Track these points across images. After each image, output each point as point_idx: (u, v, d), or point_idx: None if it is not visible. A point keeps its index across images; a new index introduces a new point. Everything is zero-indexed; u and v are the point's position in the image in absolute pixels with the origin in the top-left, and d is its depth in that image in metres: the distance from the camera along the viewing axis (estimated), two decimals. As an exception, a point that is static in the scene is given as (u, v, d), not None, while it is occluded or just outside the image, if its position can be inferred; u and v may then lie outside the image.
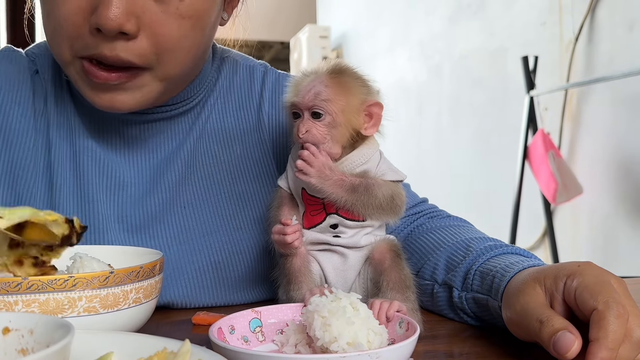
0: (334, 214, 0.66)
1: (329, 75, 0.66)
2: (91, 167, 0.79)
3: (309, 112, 0.65)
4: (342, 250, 0.66)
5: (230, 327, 0.57)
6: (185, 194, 0.81)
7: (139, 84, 0.71)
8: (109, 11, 0.64)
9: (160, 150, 0.82)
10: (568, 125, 2.42)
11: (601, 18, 2.24)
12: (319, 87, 0.65)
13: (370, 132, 0.66)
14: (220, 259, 0.80)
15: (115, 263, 0.65)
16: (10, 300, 0.51)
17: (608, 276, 0.53)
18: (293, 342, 0.56)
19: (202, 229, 0.80)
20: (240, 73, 0.89)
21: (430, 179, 3.46)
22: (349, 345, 0.50)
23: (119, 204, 0.79)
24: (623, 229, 2.16)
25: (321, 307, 0.52)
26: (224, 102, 0.86)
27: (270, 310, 0.61)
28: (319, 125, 0.65)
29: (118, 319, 0.56)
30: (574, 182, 2.26)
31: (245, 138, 0.85)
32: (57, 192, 0.77)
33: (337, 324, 0.51)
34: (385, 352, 0.47)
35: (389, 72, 4.04)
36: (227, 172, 0.83)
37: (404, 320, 0.56)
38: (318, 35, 4.88)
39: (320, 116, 0.64)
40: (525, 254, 0.68)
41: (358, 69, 0.68)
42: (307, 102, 0.65)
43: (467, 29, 3.14)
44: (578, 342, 0.49)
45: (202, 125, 0.84)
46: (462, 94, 3.19)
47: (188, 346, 0.40)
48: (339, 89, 0.65)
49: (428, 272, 0.74)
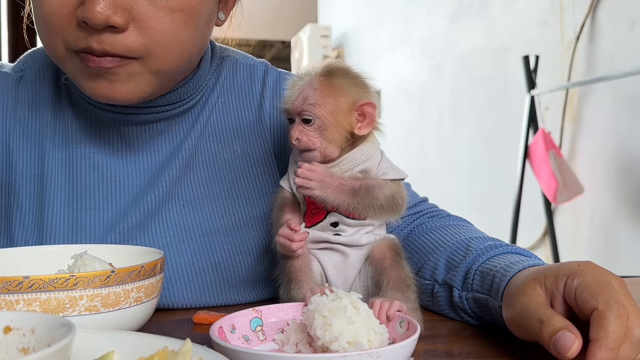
0: (335, 212, 0.66)
1: (319, 78, 0.65)
2: (88, 173, 0.78)
3: (299, 118, 0.65)
4: (342, 248, 0.66)
5: (231, 326, 0.57)
6: (184, 192, 0.81)
7: (131, 72, 0.70)
8: (96, 5, 0.63)
9: (160, 151, 0.82)
10: (569, 124, 2.41)
11: (602, 17, 2.24)
12: (307, 91, 0.65)
13: (363, 131, 0.66)
14: (221, 259, 0.79)
15: (116, 262, 0.65)
16: (11, 299, 0.51)
17: (608, 276, 0.53)
18: (294, 342, 0.56)
19: (201, 228, 0.80)
20: (241, 72, 0.89)
21: (431, 178, 3.46)
22: (350, 345, 0.50)
23: (117, 208, 0.78)
24: (624, 229, 2.16)
25: (322, 306, 0.52)
26: (225, 101, 0.86)
27: (271, 309, 0.61)
28: (309, 130, 0.65)
29: (119, 318, 0.56)
30: (574, 182, 2.26)
31: (246, 137, 0.85)
32: (48, 200, 0.77)
33: (337, 324, 0.51)
34: (385, 351, 0.47)
35: (390, 72, 4.04)
36: (228, 172, 0.83)
37: (405, 320, 0.56)
38: (319, 34, 4.88)
39: (309, 121, 0.65)
40: (525, 254, 0.68)
41: (353, 68, 0.68)
42: (297, 108, 0.65)
43: (468, 28, 3.14)
44: (578, 341, 0.49)
45: (202, 124, 0.84)
46: (463, 94, 3.19)
47: (189, 345, 0.40)
48: (327, 91, 0.65)
49: (428, 272, 0.74)
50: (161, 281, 0.63)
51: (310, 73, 0.67)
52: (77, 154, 0.79)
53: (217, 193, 0.82)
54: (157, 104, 0.79)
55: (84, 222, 0.77)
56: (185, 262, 0.78)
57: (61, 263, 0.65)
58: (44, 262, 0.67)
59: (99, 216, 0.78)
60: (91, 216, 0.77)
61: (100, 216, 0.78)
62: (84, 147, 0.79)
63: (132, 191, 0.79)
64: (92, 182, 0.79)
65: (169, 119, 0.82)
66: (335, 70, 0.66)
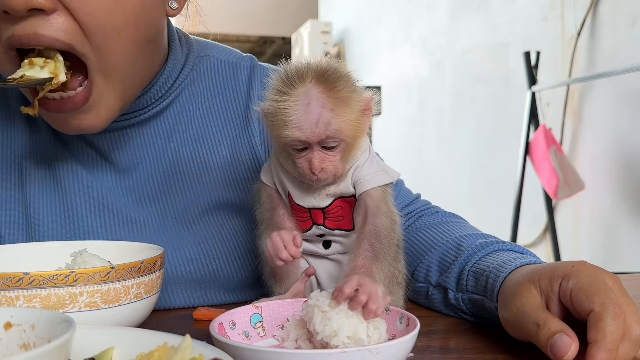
0: (321, 225, 0.64)
1: (328, 93, 0.57)
2: (72, 184, 0.76)
3: (319, 145, 0.58)
4: (336, 257, 0.66)
5: (231, 322, 0.57)
6: (175, 202, 0.78)
7: (96, 99, 0.66)
8: None
9: (142, 162, 0.78)
10: (570, 120, 2.41)
11: (603, 13, 2.23)
12: (325, 114, 0.56)
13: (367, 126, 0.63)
14: (219, 267, 0.78)
15: (115, 259, 0.65)
16: (12, 296, 0.52)
17: (603, 275, 0.53)
18: (294, 337, 0.56)
19: (195, 237, 0.78)
20: (223, 72, 0.84)
21: (431, 175, 3.46)
22: (349, 339, 0.51)
23: (104, 223, 0.76)
24: (624, 225, 2.16)
25: (321, 301, 0.53)
26: (209, 105, 0.82)
27: (270, 305, 0.61)
28: (332, 156, 0.58)
29: (119, 314, 0.57)
30: (575, 178, 2.25)
31: (234, 142, 0.82)
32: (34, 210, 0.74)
33: (336, 318, 0.51)
34: (386, 347, 0.47)
35: (390, 68, 4.04)
36: (217, 179, 0.80)
37: (404, 316, 0.56)
38: (320, 30, 4.87)
39: (333, 147, 0.58)
40: (518, 250, 0.67)
41: (340, 66, 0.60)
42: (319, 137, 0.57)
43: (469, 24, 3.13)
44: (575, 344, 0.49)
45: (183, 130, 0.80)
46: (464, 90, 3.19)
47: (189, 341, 0.41)
48: (342, 106, 0.57)
49: (422, 275, 0.74)
50: (161, 277, 0.63)
51: (304, 86, 0.57)
52: (59, 166, 0.76)
53: (210, 203, 0.79)
54: (126, 111, 0.75)
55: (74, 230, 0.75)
56: (181, 271, 0.77)
57: (59, 260, 0.66)
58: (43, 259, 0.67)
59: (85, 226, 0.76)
60: (78, 225, 0.75)
61: (86, 226, 0.76)
62: (65, 160, 0.76)
63: (118, 207, 0.77)
64: (77, 194, 0.76)
65: (141, 124, 0.78)
66: (335, 77, 0.58)
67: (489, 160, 2.96)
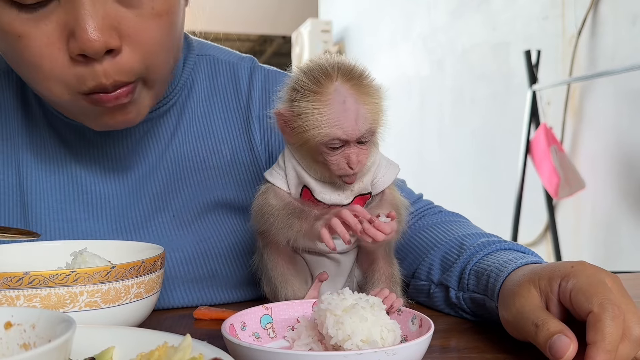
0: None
1: (359, 89, 0.57)
2: (68, 185, 0.76)
3: (355, 141, 0.58)
4: (335, 256, 0.66)
5: (242, 323, 0.57)
6: (173, 201, 0.78)
7: (136, 96, 0.67)
8: (88, 33, 0.59)
9: (142, 162, 0.79)
10: (570, 119, 2.41)
11: (604, 12, 2.23)
12: (362, 109, 0.57)
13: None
14: (218, 266, 0.78)
15: (115, 259, 0.65)
16: (12, 295, 0.52)
17: (602, 275, 0.53)
18: (305, 339, 0.56)
19: (194, 236, 0.78)
20: (223, 72, 0.84)
21: (432, 174, 3.46)
22: (363, 343, 0.50)
23: (102, 222, 0.76)
24: (625, 224, 2.16)
25: (334, 305, 0.52)
26: (209, 104, 0.83)
27: (280, 306, 0.60)
28: (365, 149, 0.59)
29: (119, 314, 0.57)
30: (576, 177, 2.25)
31: (234, 141, 0.82)
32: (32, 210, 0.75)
33: (350, 322, 0.50)
34: (401, 349, 0.46)
35: (391, 67, 4.04)
36: (217, 178, 0.80)
37: (417, 317, 0.55)
38: (320, 29, 4.87)
39: (366, 141, 0.59)
40: (520, 249, 0.67)
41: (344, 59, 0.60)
42: (359, 133, 0.57)
43: (469, 23, 3.13)
44: (574, 345, 0.49)
45: (185, 129, 0.80)
46: (464, 89, 3.19)
47: (189, 341, 0.41)
48: (373, 101, 0.58)
49: (424, 273, 0.74)
50: (161, 277, 0.63)
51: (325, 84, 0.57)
52: (58, 165, 0.76)
53: (208, 200, 0.79)
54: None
55: (73, 230, 0.75)
56: (180, 271, 0.77)
57: (60, 260, 0.66)
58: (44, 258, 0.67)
59: (84, 226, 0.76)
60: (77, 224, 0.76)
61: (85, 225, 0.76)
62: (64, 159, 0.77)
63: (117, 206, 0.77)
64: (76, 194, 0.76)
65: (142, 124, 0.78)
66: (353, 72, 0.58)
67: (489, 159, 2.96)
